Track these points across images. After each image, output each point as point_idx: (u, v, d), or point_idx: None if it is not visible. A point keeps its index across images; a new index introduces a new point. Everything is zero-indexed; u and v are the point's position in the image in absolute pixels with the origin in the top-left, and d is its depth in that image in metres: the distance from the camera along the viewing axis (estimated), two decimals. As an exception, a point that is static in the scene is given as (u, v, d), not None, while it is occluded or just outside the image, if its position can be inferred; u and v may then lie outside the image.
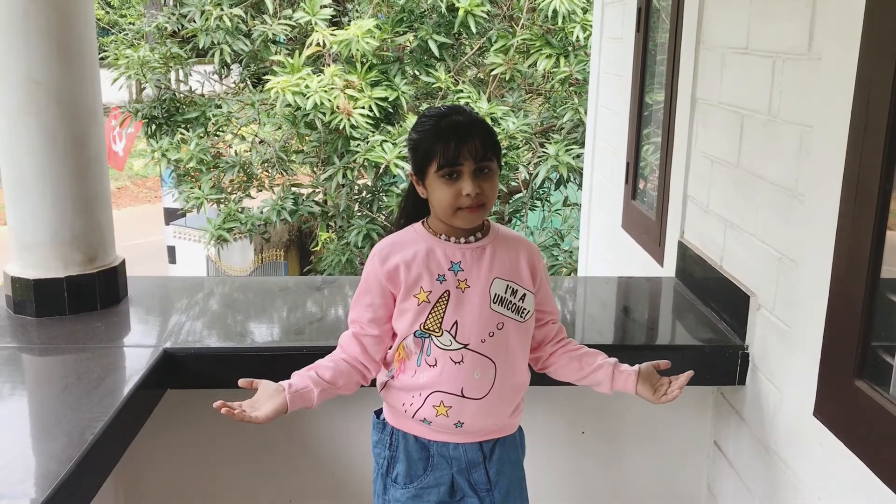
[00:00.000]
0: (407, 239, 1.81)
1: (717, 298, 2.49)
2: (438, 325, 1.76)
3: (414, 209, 1.85)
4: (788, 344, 2.04)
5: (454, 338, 1.76)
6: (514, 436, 1.92)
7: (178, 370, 2.18)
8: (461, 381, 1.77)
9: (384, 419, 1.90)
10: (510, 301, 1.79)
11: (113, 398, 1.89)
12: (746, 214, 2.33)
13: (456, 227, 1.77)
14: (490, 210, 1.77)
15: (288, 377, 2.28)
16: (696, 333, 2.42)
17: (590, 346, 1.97)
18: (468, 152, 1.69)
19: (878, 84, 1.65)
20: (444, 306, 1.76)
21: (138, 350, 2.20)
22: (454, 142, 1.69)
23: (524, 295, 1.81)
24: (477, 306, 1.76)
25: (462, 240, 1.79)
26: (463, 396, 1.78)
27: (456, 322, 1.76)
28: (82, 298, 2.41)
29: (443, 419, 1.79)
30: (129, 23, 10.48)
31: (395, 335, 1.83)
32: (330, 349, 2.24)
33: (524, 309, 1.81)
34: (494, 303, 1.77)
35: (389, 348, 1.85)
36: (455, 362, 1.76)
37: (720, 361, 2.30)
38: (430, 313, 1.76)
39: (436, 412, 1.79)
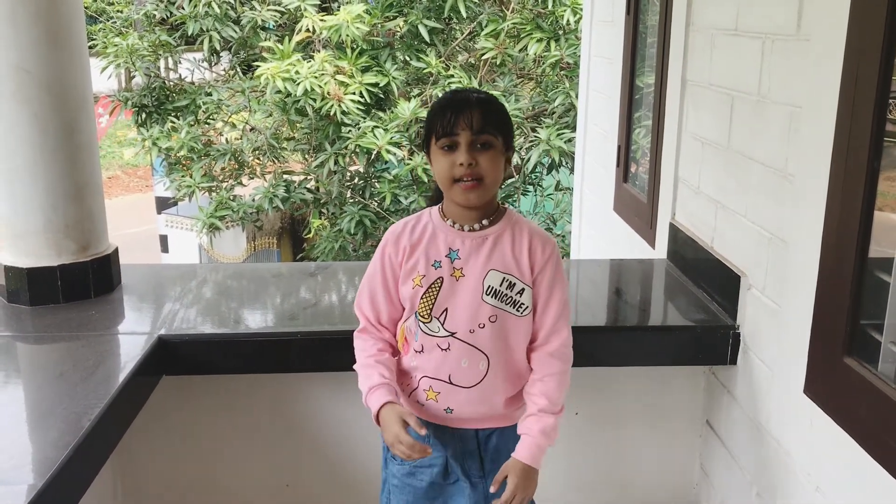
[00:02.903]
0: (418, 222, 1.81)
1: (708, 279, 2.51)
2: (428, 311, 1.76)
3: (438, 193, 1.84)
4: (779, 323, 2.06)
5: (442, 325, 1.76)
6: (516, 428, 1.82)
7: (173, 356, 2.19)
8: (448, 369, 1.77)
9: None
10: (506, 294, 1.76)
11: (108, 385, 1.90)
12: (737, 195, 2.34)
13: (459, 206, 1.75)
14: (491, 189, 1.73)
15: (281, 363, 2.30)
16: (688, 314, 2.43)
17: (583, 328, 1.95)
18: (465, 122, 1.69)
19: (866, 64, 1.66)
20: (435, 293, 1.75)
21: (133, 337, 2.20)
22: (452, 112, 1.70)
23: (522, 289, 1.76)
24: (468, 296, 1.75)
25: (466, 227, 1.77)
26: (451, 383, 1.78)
27: (446, 310, 1.76)
28: (76, 287, 2.41)
29: (433, 404, 1.80)
30: (118, 10, 10.41)
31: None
32: (323, 334, 2.25)
33: (522, 304, 1.77)
34: (487, 294, 1.75)
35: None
36: (442, 349, 1.77)
37: (712, 341, 2.32)
38: (421, 298, 1.76)
39: (426, 396, 1.80)
